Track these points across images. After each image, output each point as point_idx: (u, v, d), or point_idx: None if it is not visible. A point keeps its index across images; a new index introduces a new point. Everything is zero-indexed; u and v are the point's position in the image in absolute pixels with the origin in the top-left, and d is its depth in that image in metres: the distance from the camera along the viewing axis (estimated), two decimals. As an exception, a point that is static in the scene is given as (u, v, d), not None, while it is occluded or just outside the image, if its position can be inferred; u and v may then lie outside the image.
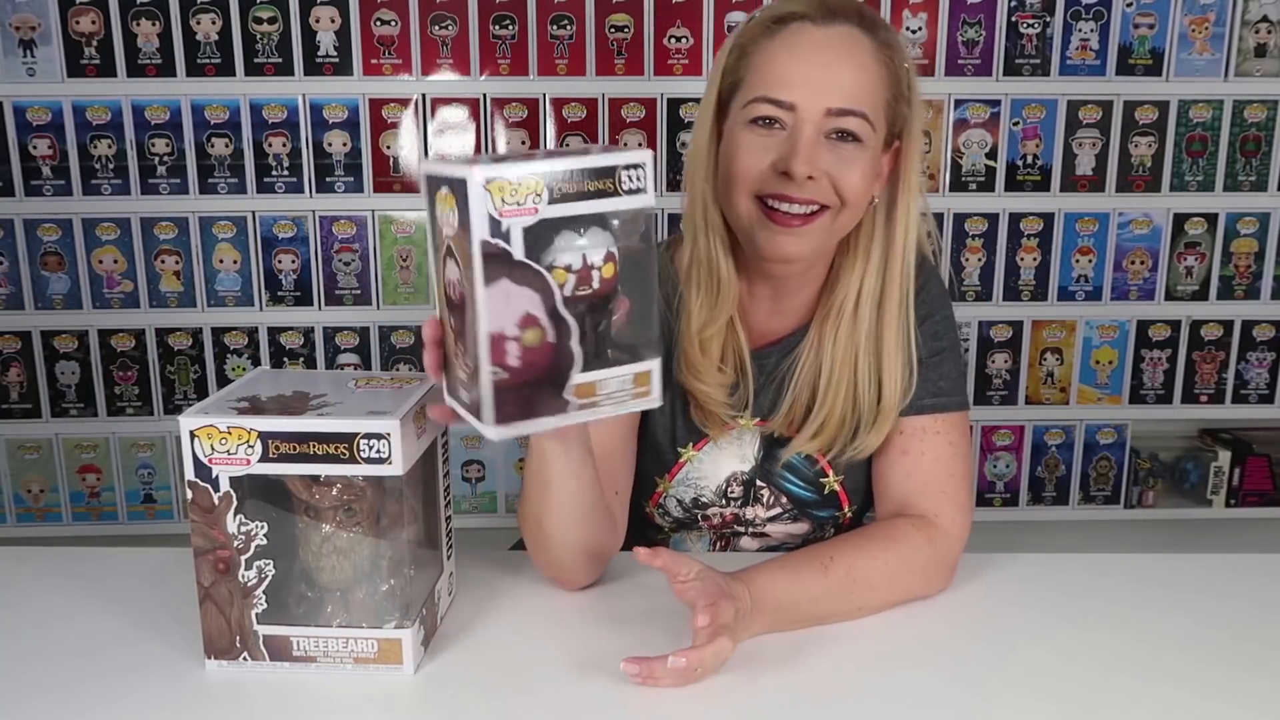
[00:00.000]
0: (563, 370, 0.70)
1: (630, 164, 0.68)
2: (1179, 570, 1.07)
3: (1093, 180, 2.12)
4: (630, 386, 0.72)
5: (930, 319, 1.06)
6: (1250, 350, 2.22)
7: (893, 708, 0.82)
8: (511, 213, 0.66)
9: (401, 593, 0.84)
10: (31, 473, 2.13)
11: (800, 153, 0.94)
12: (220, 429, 0.80)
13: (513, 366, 0.68)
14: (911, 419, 1.04)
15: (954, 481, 1.03)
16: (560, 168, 0.66)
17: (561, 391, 0.70)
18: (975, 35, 2.06)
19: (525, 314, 0.68)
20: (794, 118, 0.95)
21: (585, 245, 0.68)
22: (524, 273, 0.67)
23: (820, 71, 0.95)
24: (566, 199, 0.67)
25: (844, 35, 0.96)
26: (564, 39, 2.02)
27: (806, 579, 0.93)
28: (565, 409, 0.70)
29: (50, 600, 0.99)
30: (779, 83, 0.95)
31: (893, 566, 0.96)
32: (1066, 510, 2.27)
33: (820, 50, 0.96)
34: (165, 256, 2.07)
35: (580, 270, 0.68)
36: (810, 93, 0.95)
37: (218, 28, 1.98)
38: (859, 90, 0.95)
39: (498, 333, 0.67)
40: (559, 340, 0.69)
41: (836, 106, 0.95)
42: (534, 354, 0.68)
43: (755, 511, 1.11)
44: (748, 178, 0.97)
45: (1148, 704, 0.83)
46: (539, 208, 0.66)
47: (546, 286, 0.68)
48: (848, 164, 0.96)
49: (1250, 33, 2.08)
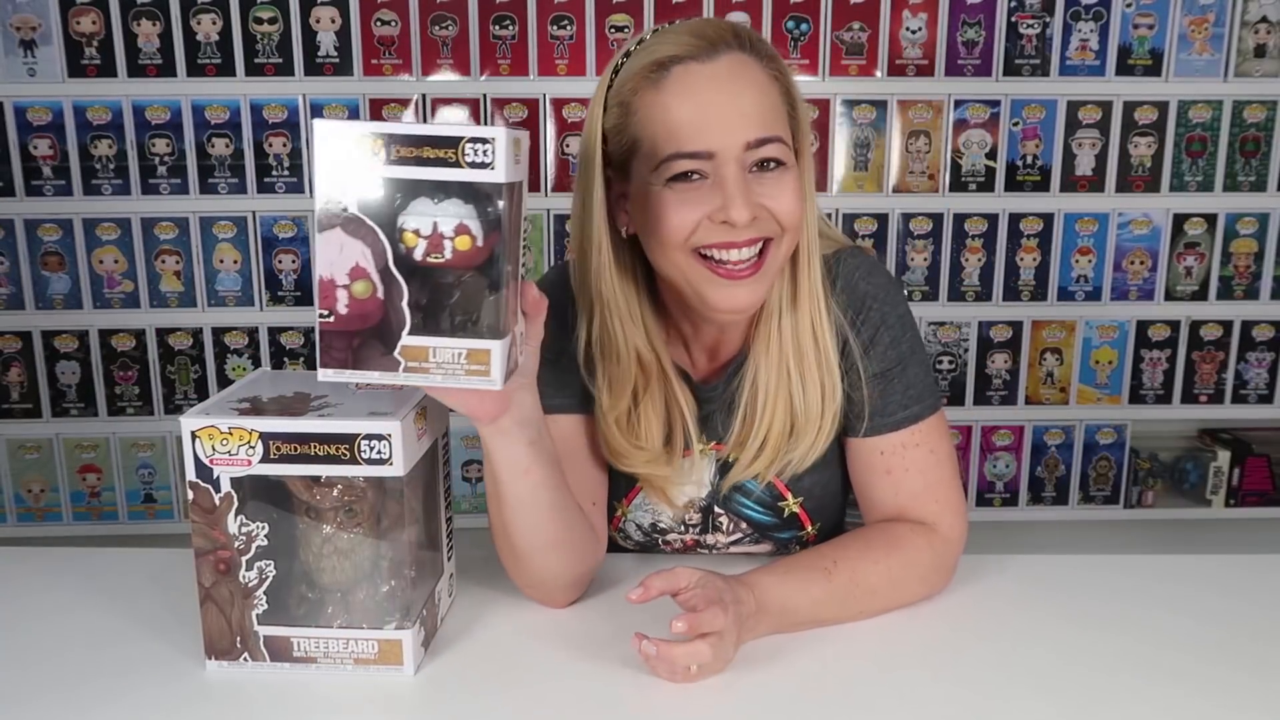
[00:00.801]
0: (393, 329, 0.72)
1: (477, 138, 0.69)
2: (1179, 570, 1.07)
3: (1092, 180, 2.13)
4: (465, 362, 0.73)
5: (884, 326, 1.01)
6: (1250, 350, 2.22)
7: (893, 708, 0.82)
8: (350, 168, 0.69)
9: (402, 594, 0.84)
10: (32, 473, 2.13)
11: (735, 198, 0.89)
12: (221, 430, 0.80)
13: (340, 314, 0.72)
14: (888, 437, 1.01)
15: (943, 488, 1.02)
16: (400, 130, 0.69)
17: (391, 350, 0.73)
18: (975, 35, 2.06)
19: (355, 265, 0.71)
20: (713, 165, 0.90)
21: (437, 213, 0.70)
22: (359, 226, 0.70)
23: (725, 108, 0.90)
24: (404, 162, 0.69)
25: (731, 64, 0.91)
26: (564, 39, 2.02)
27: (810, 583, 0.93)
28: (394, 368, 0.73)
29: (50, 600, 0.99)
30: (687, 135, 0.89)
31: (895, 572, 0.96)
32: (1066, 510, 2.27)
33: (715, 87, 0.90)
34: (166, 256, 2.07)
35: (431, 236, 0.71)
36: (723, 134, 0.89)
37: (218, 28, 1.98)
38: (765, 115, 0.91)
39: (328, 279, 0.71)
40: (389, 297, 0.72)
41: (754, 138, 0.90)
42: (362, 305, 0.72)
43: (716, 538, 1.10)
44: (681, 236, 0.91)
45: (1148, 704, 0.83)
46: (377, 168, 0.69)
47: (379, 244, 0.71)
48: (778, 189, 0.92)
49: (1250, 33, 2.08)
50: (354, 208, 0.70)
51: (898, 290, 1.04)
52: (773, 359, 1.00)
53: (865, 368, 1.01)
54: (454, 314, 0.72)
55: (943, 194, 2.12)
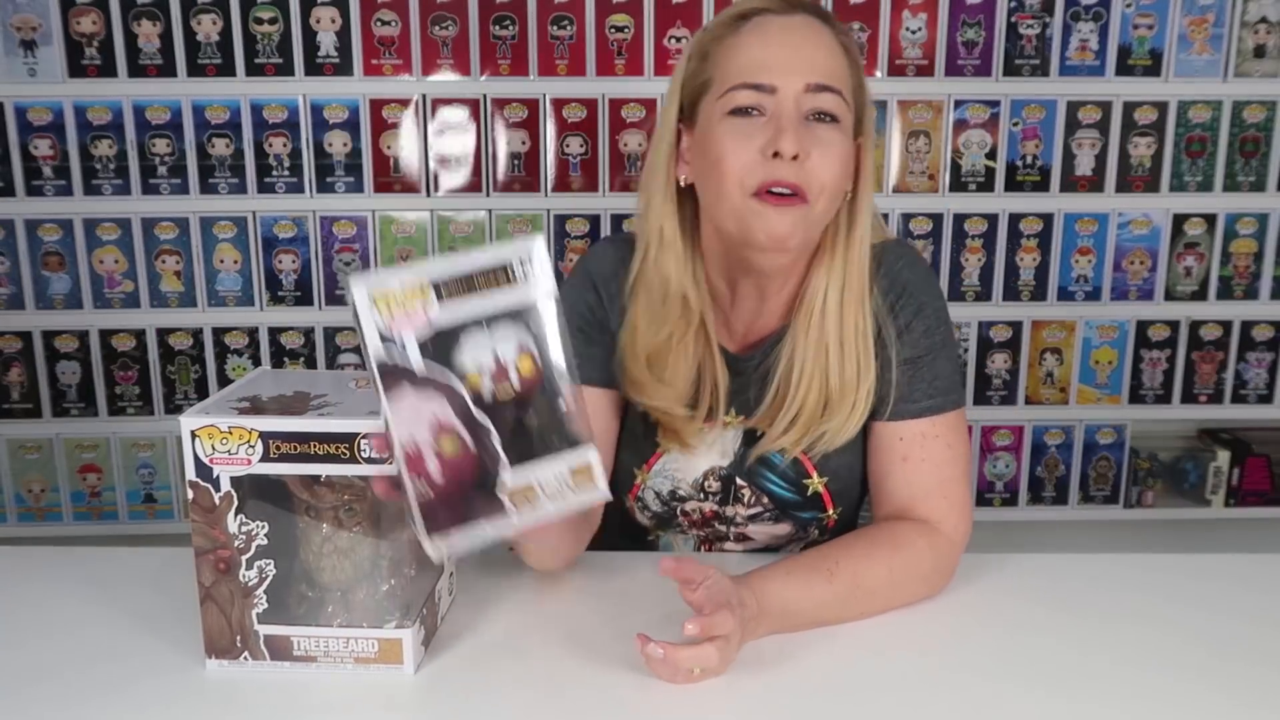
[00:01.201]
0: (490, 472, 0.67)
1: (521, 256, 0.66)
2: (1178, 570, 1.07)
3: (1092, 180, 2.13)
4: (570, 481, 0.69)
5: (920, 315, 1.04)
6: (1249, 350, 2.22)
7: (892, 707, 0.82)
8: (403, 323, 0.64)
9: (402, 592, 0.84)
10: (32, 472, 2.14)
11: (787, 130, 0.94)
12: (221, 429, 0.80)
13: (437, 483, 0.65)
14: (909, 423, 1.03)
15: (953, 485, 1.03)
16: (444, 270, 0.64)
17: (494, 494, 0.67)
18: (975, 35, 2.06)
19: (436, 421, 0.65)
20: (774, 101, 0.95)
21: (494, 342, 0.65)
22: (425, 381, 0.65)
23: (792, 51, 0.96)
24: (455, 296, 0.65)
25: (807, 23, 0.98)
26: (564, 39, 2.02)
27: (812, 586, 0.93)
28: (504, 513, 0.67)
29: (50, 600, 0.99)
30: (754, 67, 0.96)
31: (897, 574, 0.96)
32: (1066, 510, 2.27)
33: (789, 34, 0.97)
34: (166, 256, 2.07)
35: (495, 370, 0.66)
36: (787, 72, 0.95)
37: (218, 28, 1.98)
38: (831, 69, 0.97)
39: (412, 448, 0.65)
40: (479, 444, 0.66)
41: (815, 82, 0.95)
42: (454, 463, 0.66)
43: (736, 509, 1.11)
44: (735, 168, 0.96)
45: (1148, 703, 0.83)
46: (430, 314, 0.64)
47: (453, 392, 0.65)
48: (829, 148, 0.96)
49: (1249, 33, 2.08)
50: (416, 363, 0.64)
51: (937, 285, 1.08)
52: (812, 337, 1.03)
53: (897, 352, 1.04)
54: (543, 438, 0.67)
55: (942, 194, 2.12)
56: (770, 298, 1.06)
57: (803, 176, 0.95)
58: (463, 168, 2.07)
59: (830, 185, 0.96)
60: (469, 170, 2.07)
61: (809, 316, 1.03)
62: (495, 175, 2.07)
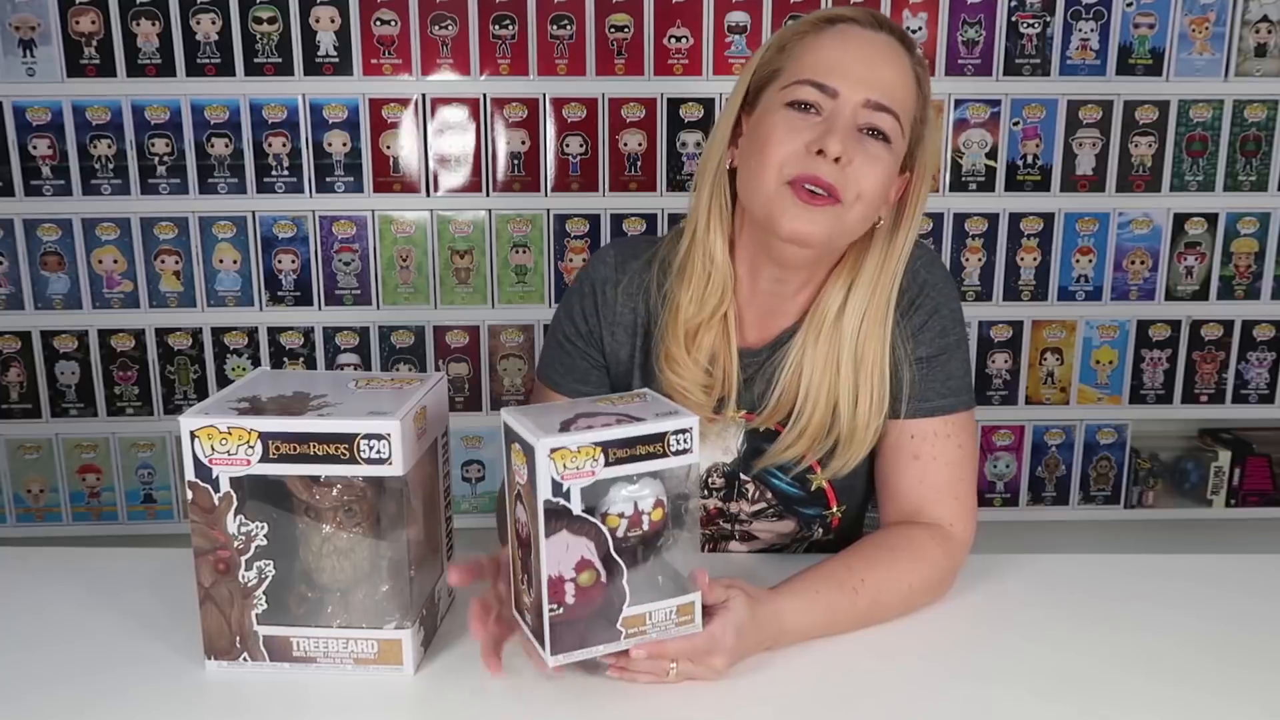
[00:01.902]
0: (615, 605, 0.79)
1: (679, 429, 0.78)
2: (1179, 570, 1.07)
3: (1093, 180, 2.12)
4: (675, 616, 0.81)
5: (936, 314, 1.05)
6: (1250, 350, 2.22)
7: (893, 707, 0.82)
8: (572, 475, 0.75)
9: (401, 593, 0.84)
10: (31, 473, 2.13)
11: (836, 132, 0.95)
12: (221, 429, 0.80)
13: (568, 604, 0.77)
14: (921, 422, 1.04)
15: (963, 486, 1.04)
16: (615, 436, 0.76)
17: (614, 623, 0.79)
18: (975, 35, 2.06)
19: (581, 559, 0.77)
20: (833, 105, 0.97)
21: (636, 494, 0.78)
22: (581, 524, 0.76)
23: (865, 65, 0.98)
24: (620, 462, 0.77)
25: (889, 43, 1.00)
26: (564, 39, 2.02)
27: (836, 606, 0.92)
28: (616, 638, 0.80)
29: (50, 600, 0.99)
30: (824, 68, 0.97)
31: (915, 588, 0.97)
32: (1066, 510, 2.27)
33: (868, 47, 0.99)
34: (165, 256, 2.07)
35: (632, 516, 0.78)
36: (853, 82, 0.96)
37: (218, 28, 1.98)
38: (896, 92, 0.98)
39: (556, 576, 0.76)
40: (611, 580, 0.78)
41: (875, 99, 0.96)
42: (588, 593, 0.77)
43: (740, 506, 1.11)
44: (778, 155, 0.96)
45: (1148, 703, 0.83)
46: (596, 470, 0.76)
47: (600, 535, 0.77)
48: (875, 161, 0.97)
49: (1250, 33, 2.08)
50: (577, 509, 0.76)
51: (954, 287, 1.09)
52: (821, 348, 1.03)
53: (911, 350, 1.04)
54: (662, 576, 0.80)
55: (943, 194, 2.11)
56: (788, 298, 1.07)
57: (840, 179, 0.95)
58: (462, 167, 2.06)
59: (867, 194, 0.97)
60: (469, 170, 2.06)
61: (820, 324, 1.04)
62: (495, 175, 2.07)
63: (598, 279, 1.11)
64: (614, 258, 1.12)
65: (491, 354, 2.14)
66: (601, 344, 1.11)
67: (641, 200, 2.09)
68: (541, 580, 0.76)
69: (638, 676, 0.83)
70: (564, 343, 1.13)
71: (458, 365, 2.15)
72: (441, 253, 2.09)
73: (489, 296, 2.12)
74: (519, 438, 0.78)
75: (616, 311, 1.10)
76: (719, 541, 1.14)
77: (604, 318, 1.10)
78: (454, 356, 2.14)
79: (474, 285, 2.11)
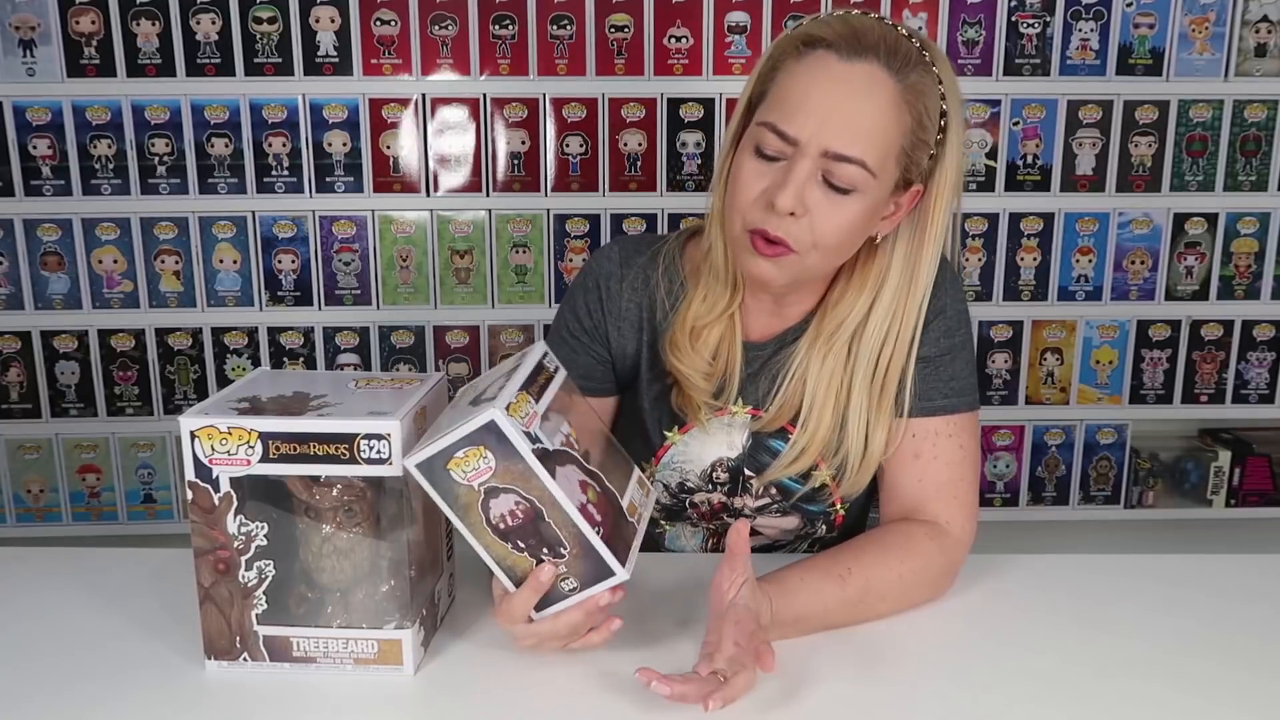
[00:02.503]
0: (617, 504, 0.85)
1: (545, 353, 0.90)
2: (1179, 570, 1.07)
3: (1093, 180, 2.12)
4: (642, 492, 0.92)
5: (942, 315, 1.05)
6: (1250, 350, 2.22)
7: (893, 707, 0.82)
8: (530, 421, 0.80)
9: (401, 593, 0.84)
10: (31, 473, 2.13)
11: (788, 187, 0.93)
12: (221, 429, 0.80)
13: (599, 520, 0.81)
14: (923, 421, 1.04)
15: (964, 486, 1.04)
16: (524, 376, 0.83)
17: (626, 517, 0.86)
18: (975, 35, 2.06)
19: (580, 480, 0.82)
20: (793, 153, 0.94)
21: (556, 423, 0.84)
22: (559, 455, 0.81)
23: (830, 110, 0.92)
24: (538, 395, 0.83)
25: (866, 75, 0.93)
26: (564, 39, 2.02)
27: (825, 592, 0.93)
28: (636, 529, 0.87)
29: (50, 600, 0.99)
30: (788, 114, 0.94)
31: (907, 580, 0.97)
32: (1066, 510, 2.27)
33: (838, 85, 0.93)
34: (165, 256, 2.07)
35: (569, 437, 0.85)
36: (814, 131, 0.92)
37: (218, 28, 1.98)
38: (865, 136, 0.92)
39: (580, 504, 0.80)
40: (603, 485, 0.85)
41: (834, 151, 0.92)
42: (601, 505, 0.83)
43: (744, 501, 1.12)
44: (740, 203, 0.97)
45: (1148, 703, 0.83)
46: (535, 411, 0.82)
47: (574, 458, 0.82)
48: (835, 209, 0.95)
49: (1250, 33, 2.08)
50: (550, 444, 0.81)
51: (961, 288, 1.09)
52: (829, 364, 1.03)
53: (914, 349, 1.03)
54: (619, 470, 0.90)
55: (943, 194, 2.11)
56: (785, 307, 1.08)
57: (793, 233, 0.95)
58: (462, 167, 2.06)
59: (825, 242, 0.96)
60: (469, 170, 2.06)
61: (832, 335, 1.03)
62: (495, 175, 2.07)
63: (602, 274, 1.11)
64: (618, 253, 1.12)
65: (491, 354, 2.14)
66: (607, 339, 1.11)
67: (641, 200, 2.09)
68: (573, 518, 0.79)
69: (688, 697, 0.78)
70: (568, 339, 1.13)
71: (458, 365, 2.15)
72: (441, 253, 2.09)
73: (489, 296, 2.12)
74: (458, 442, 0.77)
75: (622, 306, 1.10)
76: (722, 537, 1.14)
77: (609, 312, 1.10)
78: (454, 356, 2.14)
79: (474, 285, 2.11)
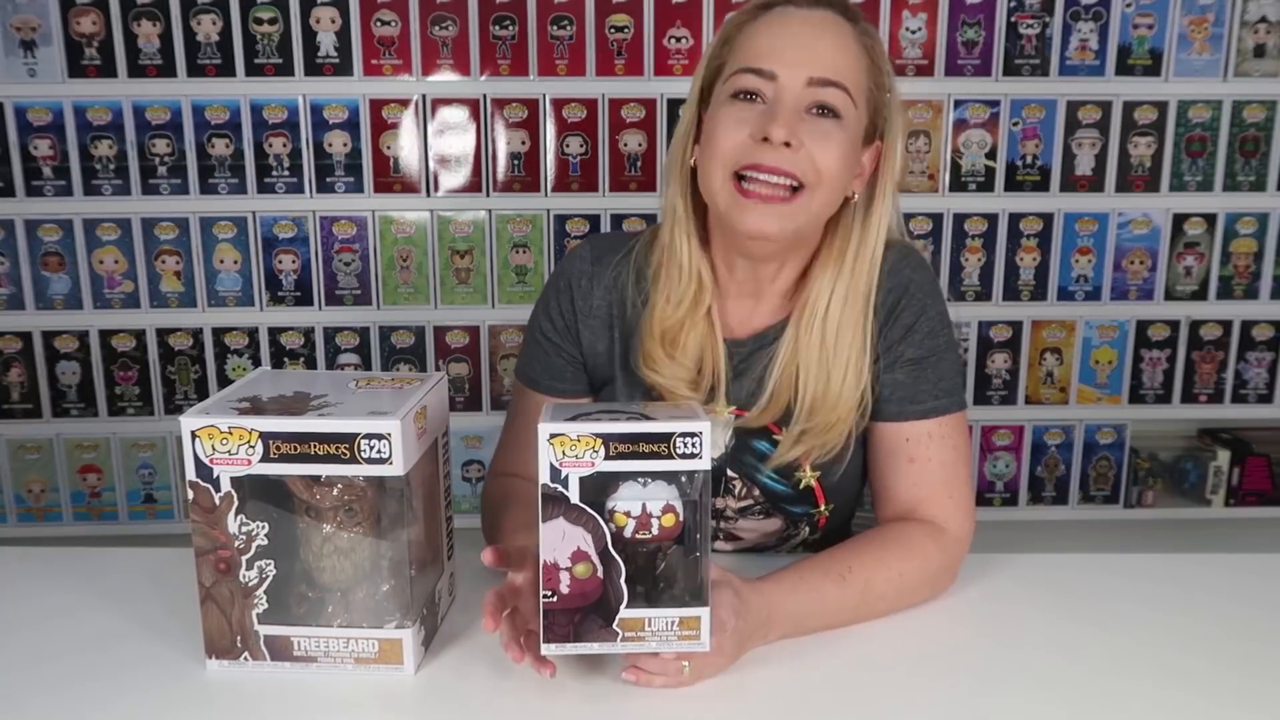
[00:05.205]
0: (611, 604, 0.78)
1: (687, 432, 0.76)
2: (1179, 570, 1.07)
3: (1092, 180, 2.13)
4: (677, 628, 0.79)
5: (924, 315, 1.05)
6: (1249, 350, 2.22)
7: (893, 707, 0.82)
8: (570, 464, 0.76)
9: (402, 593, 0.84)
10: (32, 473, 2.14)
11: (779, 117, 0.94)
12: (221, 429, 0.80)
13: (563, 593, 0.77)
14: (914, 424, 1.03)
15: (958, 485, 1.03)
16: (617, 430, 0.76)
17: (610, 623, 0.79)
18: (975, 35, 2.06)
19: (577, 549, 0.77)
20: (775, 88, 0.96)
21: (646, 495, 0.77)
22: (578, 514, 0.77)
23: (803, 44, 0.96)
24: (621, 457, 0.76)
25: (826, 17, 0.98)
26: (564, 39, 2.02)
27: (824, 591, 0.93)
28: (613, 639, 0.79)
29: (50, 600, 0.99)
30: (761, 54, 0.97)
31: (907, 579, 0.97)
32: (1066, 510, 2.27)
33: (803, 26, 0.97)
34: (166, 257, 2.07)
35: (640, 517, 0.77)
36: (791, 63, 0.95)
37: (218, 28, 1.98)
38: (840, 65, 0.96)
39: (551, 563, 0.77)
40: (608, 577, 0.78)
41: (818, 76, 0.95)
42: (583, 585, 0.78)
43: (726, 502, 1.11)
44: (725, 150, 0.96)
45: (1148, 704, 0.83)
46: (595, 462, 0.76)
47: (599, 529, 0.77)
48: (827, 139, 0.96)
49: (1249, 33, 2.08)
50: (575, 498, 0.77)
51: (939, 289, 1.08)
52: (814, 341, 1.03)
53: (901, 352, 1.04)
54: (667, 586, 0.79)
55: (942, 194, 2.12)
56: (765, 285, 1.07)
57: (799, 165, 0.95)
58: (463, 168, 2.07)
59: (828, 172, 0.96)
60: (469, 170, 2.07)
61: (812, 318, 1.03)
62: (495, 175, 2.07)
63: (573, 274, 1.11)
64: (590, 253, 1.11)
65: (491, 354, 2.15)
66: (578, 338, 1.11)
67: (641, 200, 2.09)
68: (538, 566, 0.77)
69: (653, 680, 0.82)
70: (540, 340, 1.12)
71: (458, 365, 2.15)
72: (441, 253, 2.09)
73: (489, 296, 2.12)
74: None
75: (593, 305, 1.10)
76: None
77: (580, 311, 1.10)
78: (454, 356, 2.15)
79: (474, 285, 2.11)
